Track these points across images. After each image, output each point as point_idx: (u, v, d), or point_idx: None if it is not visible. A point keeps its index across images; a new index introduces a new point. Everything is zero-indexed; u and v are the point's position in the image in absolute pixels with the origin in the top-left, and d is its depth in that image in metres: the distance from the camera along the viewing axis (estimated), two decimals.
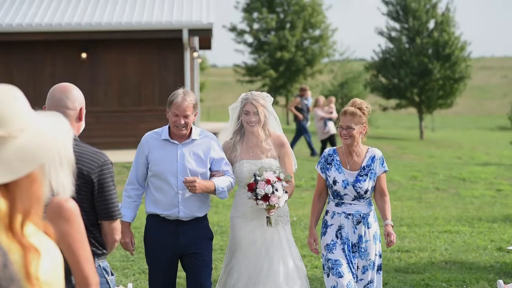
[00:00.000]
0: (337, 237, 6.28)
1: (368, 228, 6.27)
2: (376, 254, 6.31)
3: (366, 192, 6.27)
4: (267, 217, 6.33)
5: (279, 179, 6.18)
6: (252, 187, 6.17)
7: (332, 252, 6.24)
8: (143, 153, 6.12)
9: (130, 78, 21.24)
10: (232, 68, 47.21)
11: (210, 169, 6.12)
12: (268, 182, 6.11)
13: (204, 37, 23.73)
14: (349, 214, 6.27)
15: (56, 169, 2.44)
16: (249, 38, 43.60)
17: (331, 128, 21.50)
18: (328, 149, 6.49)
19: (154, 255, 6.17)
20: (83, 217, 4.18)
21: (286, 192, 6.23)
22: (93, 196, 4.41)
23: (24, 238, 2.19)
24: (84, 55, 21.06)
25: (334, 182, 6.28)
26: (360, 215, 6.27)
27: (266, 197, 6.12)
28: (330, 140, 21.55)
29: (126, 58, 21.24)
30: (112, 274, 4.61)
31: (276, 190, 6.11)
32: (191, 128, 6.10)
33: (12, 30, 20.41)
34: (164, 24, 20.68)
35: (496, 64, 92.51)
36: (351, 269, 6.19)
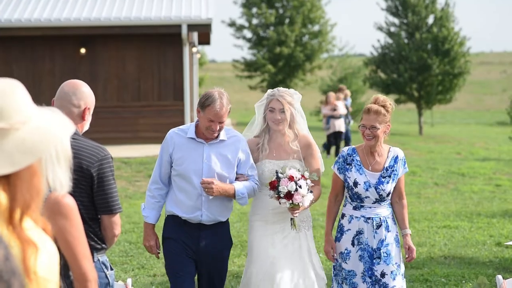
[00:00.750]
0: (353, 244, 5.94)
1: (388, 231, 5.93)
2: (400, 259, 5.99)
3: (388, 194, 5.93)
4: (291, 218, 5.91)
5: (303, 176, 5.77)
6: (274, 185, 5.76)
7: (346, 262, 5.94)
8: (167, 150, 5.77)
9: (129, 73, 21.23)
10: (231, 63, 47.20)
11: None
12: (291, 178, 5.71)
13: (203, 32, 23.74)
14: (369, 218, 5.91)
15: (53, 164, 2.45)
16: (248, 33, 43.57)
17: (336, 125, 21.41)
18: (347, 148, 6.09)
19: (173, 254, 5.77)
20: (82, 211, 4.20)
21: (311, 192, 5.80)
22: (93, 190, 4.41)
23: (23, 232, 2.20)
24: (83, 50, 21.05)
25: (355, 184, 5.89)
26: (380, 218, 5.92)
27: (289, 195, 5.70)
28: (335, 137, 21.49)
29: (125, 53, 21.24)
30: (112, 269, 4.61)
31: (300, 187, 5.69)
32: None
33: (11, 26, 20.39)
34: (163, 19, 20.66)
35: (495, 59, 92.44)
36: (367, 277, 5.88)
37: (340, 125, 21.52)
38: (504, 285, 5.74)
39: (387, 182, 5.90)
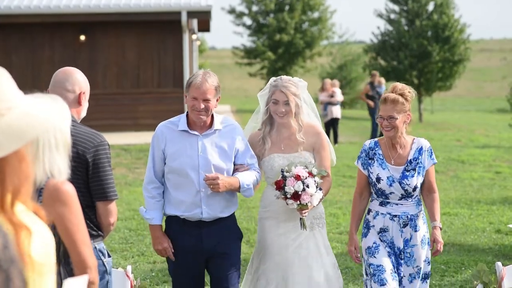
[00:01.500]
0: (380, 239, 5.60)
1: (416, 231, 5.56)
2: (424, 261, 5.61)
3: (414, 189, 5.55)
4: (300, 218, 5.53)
5: (310, 174, 5.39)
6: (280, 185, 5.41)
7: (374, 256, 5.55)
8: (159, 146, 5.35)
9: (128, 60, 21.22)
10: (231, 50, 47.13)
11: (233, 162, 5.44)
12: (297, 178, 5.34)
13: (203, 19, 23.70)
14: (395, 216, 5.55)
15: (51, 150, 2.44)
16: (248, 20, 43.48)
17: (333, 112, 21.45)
18: (369, 141, 5.73)
19: (177, 263, 5.43)
20: (79, 198, 4.19)
21: (320, 189, 5.44)
22: (88, 176, 4.39)
23: (15, 217, 2.20)
24: (82, 37, 21.02)
25: (378, 179, 5.56)
26: (407, 216, 5.55)
27: (296, 195, 5.35)
28: (332, 124, 21.49)
29: (124, 40, 21.22)
30: (109, 256, 4.59)
31: (307, 186, 5.33)
32: (212, 116, 5.38)
33: (10, 13, 20.35)
34: (162, 6, 20.63)
35: (495, 46, 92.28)
36: (395, 275, 5.52)
37: (337, 112, 21.58)
38: (503, 272, 5.75)
39: (412, 176, 5.54)
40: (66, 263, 3.74)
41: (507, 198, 12.97)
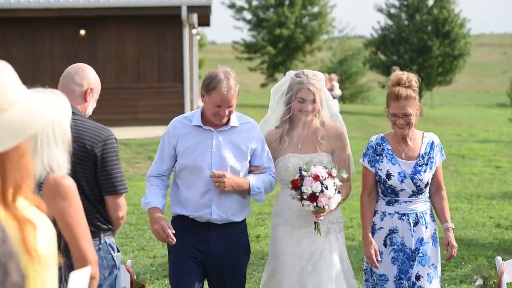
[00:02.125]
0: (385, 244, 5.27)
1: (426, 228, 5.26)
2: (437, 260, 5.34)
3: (426, 185, 5.24)
4: (315, 222, 5.17)
5: (330, 175, 5.02)
6: (296, 184, 5.02)
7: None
8: (171, 142, 5.05)
9: (128, 55, 21.20)
10: (231, 45, 47.09)
11: (249, 162, 5.13)
12: (316, 178, 4.97)
13: (203, 13, 23.69)
14: (404, 215, 5.23)
15: (50, 145, 2.44)
16: (248, 15, 43.46)
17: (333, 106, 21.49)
18: (375, 137, 5.37)
19: (180, 264, 5.10)
20: (88, 192, 4.22)
21: (339, 192, 5.07)
22: (97, 170, 4.40)
23: (18, 212, 2.20)
24: (82, 32, 20.99)
25: (388, 175, 5.20)
26: (416, 214, 5.24)
27: (313, 197, 4.96)
28: None
29: (124, 35, 21.20)
30: (118, 251, 4.59)
31: (326, 188, 4.95)
32: None
33: (11, 7, 20.32)
34: (162, 1, 20.62)
35: (496, 41, 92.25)
36: (404, 281, 5.22)
37: (336, 106, 21.63)
38: (503, 266, 5.74)
39: (424, 171, 5.22)
40: (67, 257, 3.74)
41: (507, 192, 12.98)
